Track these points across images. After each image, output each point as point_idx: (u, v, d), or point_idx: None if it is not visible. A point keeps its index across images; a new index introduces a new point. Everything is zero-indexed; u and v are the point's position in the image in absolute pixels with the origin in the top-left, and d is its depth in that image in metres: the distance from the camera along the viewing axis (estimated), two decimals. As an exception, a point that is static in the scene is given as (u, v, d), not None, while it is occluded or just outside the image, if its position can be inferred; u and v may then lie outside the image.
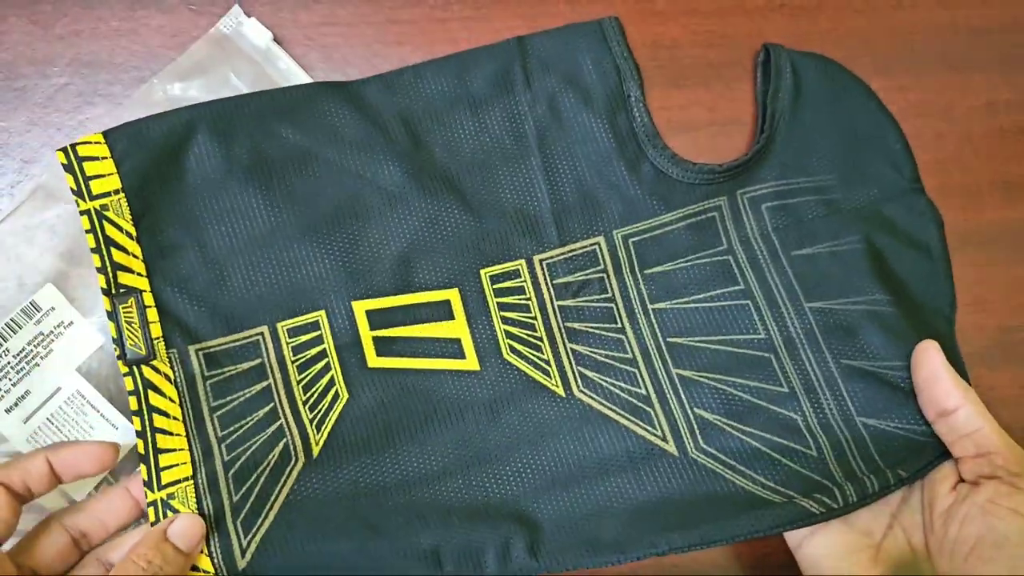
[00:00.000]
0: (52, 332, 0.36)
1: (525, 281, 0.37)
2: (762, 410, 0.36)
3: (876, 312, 0.36)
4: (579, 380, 0.36)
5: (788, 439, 0.35)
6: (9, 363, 0.35)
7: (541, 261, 0.38)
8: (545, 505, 0.34)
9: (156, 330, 0.33)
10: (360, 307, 0.36)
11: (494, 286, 0.37)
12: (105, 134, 0.34)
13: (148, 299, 0.34)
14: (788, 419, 0.35)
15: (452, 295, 0.37)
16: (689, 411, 0.36)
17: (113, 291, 0.33)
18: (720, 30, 0.42)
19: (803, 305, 0.37)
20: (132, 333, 0.33)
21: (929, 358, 0.34)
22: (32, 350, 0.35)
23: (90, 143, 0.34)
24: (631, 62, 0.39)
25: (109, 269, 0.33)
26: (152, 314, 0.34)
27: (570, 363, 0.36)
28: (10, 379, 0.35)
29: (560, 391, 0.36)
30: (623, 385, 0.36)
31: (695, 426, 0.35)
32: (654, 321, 0.37)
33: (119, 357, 0.32)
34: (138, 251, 0.34)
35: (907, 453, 0.34)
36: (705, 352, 0.37)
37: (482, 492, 0.34)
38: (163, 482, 0.32)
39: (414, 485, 0.34)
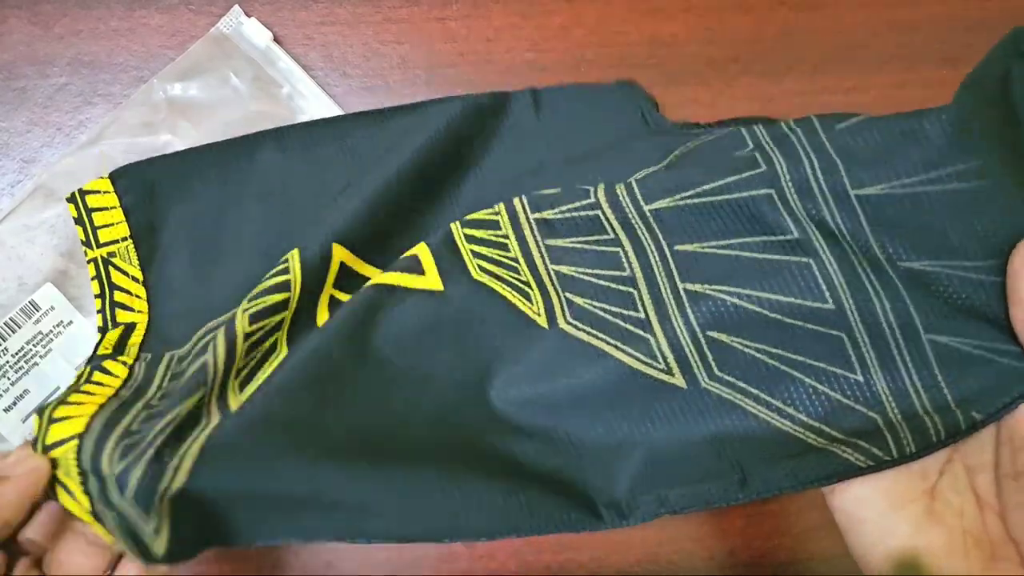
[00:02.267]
0: (51, 331, 0.35)
1: (501, 215, 0.32)
2: (796, 329, 0.28)
3: (946, 192, 0.26)
4: (567, 309, 0.30)
5: (827, 361, 0.27)
6: (8, 362, 0.35)
7: (523, 199, 0.32)
8: (534, 458, 0.29)
9: (136, 339, 0.34)
10: (338, 252, 0.33)
11: (464, 230, 0.32)
12: (114, 181, 0.35)
13: (141, 329, 0.34)
14: (830, 338, 0.27)
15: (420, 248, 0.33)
16: (699, 333, 0.28)
17: (109, 327, 0.34)
18: (719, 27, 0.42)
19: (847, 191, 0.27)
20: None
21: None
22: (31, 349, 0.35)
23: (99, 192, 0.35)
24: (651, 102, 0.39)
25: (108, 310, 0.34)
26: (138, 334, 0.34)
27: (554, 288, 0.31)
28: (9, 378, 0.35)
29: (543, 322, 0.30)
30: (616, 310, 0.30)
31: (707, 351, 0.28)
32: (654, 225, 0.30)
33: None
34: (143, 293, 0.35)
35: (985, 381, 0.26)
36: (722, 260, 0.29)
37: (454, 449, 0.29)
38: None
39: (367, 436, 0.29)
